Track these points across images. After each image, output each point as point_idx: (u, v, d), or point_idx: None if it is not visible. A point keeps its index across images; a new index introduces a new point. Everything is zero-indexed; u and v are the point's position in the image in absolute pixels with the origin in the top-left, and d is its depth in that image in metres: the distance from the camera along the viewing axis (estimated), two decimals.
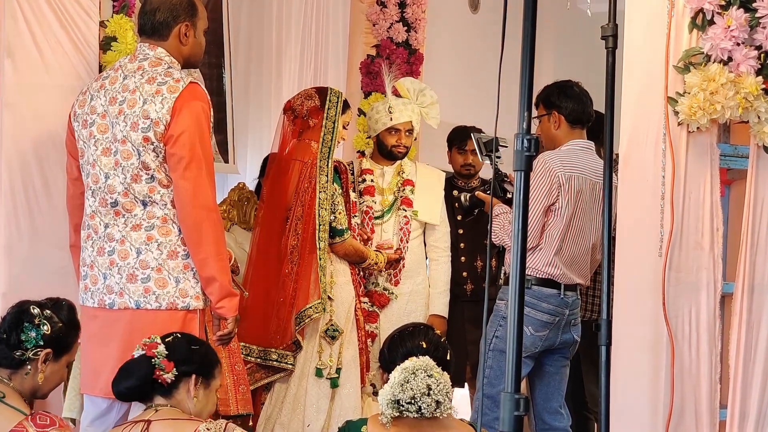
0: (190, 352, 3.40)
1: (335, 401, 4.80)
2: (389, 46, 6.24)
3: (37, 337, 3.35)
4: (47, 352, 3.36)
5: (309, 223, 4.71)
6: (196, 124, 3.62)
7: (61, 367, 3.48)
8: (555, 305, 4.61)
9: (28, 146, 4.06)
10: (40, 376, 3.37)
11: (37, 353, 3.34)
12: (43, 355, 3.36)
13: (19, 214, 4.04)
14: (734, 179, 3.94)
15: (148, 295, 3.63)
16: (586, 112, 4.78)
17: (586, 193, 4.63)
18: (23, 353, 3.34)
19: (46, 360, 3.38)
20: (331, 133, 4.82)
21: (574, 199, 4.59)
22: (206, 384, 3.44)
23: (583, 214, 4.63)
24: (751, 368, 3.71)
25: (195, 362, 3.39)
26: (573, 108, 4.75)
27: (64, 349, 3.46)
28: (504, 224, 4.69)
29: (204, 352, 3.46)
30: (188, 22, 3.77)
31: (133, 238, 3.65)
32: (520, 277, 2.29)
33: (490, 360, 4.63)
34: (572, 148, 4.70)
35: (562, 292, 4.63)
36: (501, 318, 4.64)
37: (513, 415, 2.25)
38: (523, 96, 2.33)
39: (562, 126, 4.76)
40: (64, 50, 4.13)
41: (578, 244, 4.65)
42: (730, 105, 3.64)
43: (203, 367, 3.43)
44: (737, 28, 3.60)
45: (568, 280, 4.64)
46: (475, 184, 5.87)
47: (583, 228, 4.65)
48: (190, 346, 3.41)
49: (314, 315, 4.67)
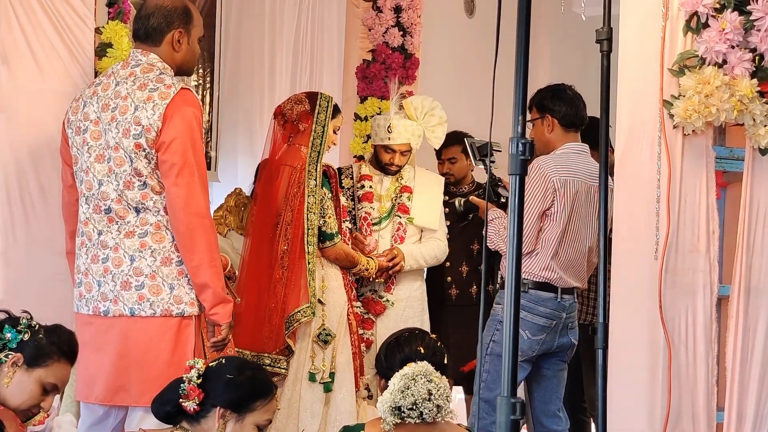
0: (224, 381, 3.20)
1: (330, 406, 4.79)
2: (385, 51, 6.25)
3: (12, 340, 3.26)
4: (17, 357, 3.25)
5: (298, 227, 4.71)
6: (188, 131, 3.61)
7: (31, 382, 3.26)
8: (552, 309, 4.61)
9: (23, 152, 4.06)
10: (6, 380, 3.24)
11: (8, 355, 3.25)
12: (13, 359, 3.25)
13: (15, 220, 4.04)
14: (730, 182, 3.94)
15: (142, 302, 3.62)
16: (579, 115, 4.78)
17: (581, 196, 4.64)
18: None
19: (14, 365, 3.25)
20: (320, 138, 4.82)
21: (569, 203, 4.60)
22: (238, 418, 3.21)
23: (579, 217, 4.64)
24: (747, 370, 3.71)
25: (226, 393, 3.19)
26: (566, 111, 4.74)
27: (37, 362, 3.27)
28: (499, 229, 4.69)
29: (241, 382, 3.22)
30: (182, 29, 3.76)
31: (127, 245, 3.64)
32: (516, 281, 2.29)
33: (487, 364, 4.63)
34: (566, 151, 4.70)
35: (559, 296, 4.63)
36: (498, 322, 4.64)
37: (510, 419, 2.25)
38: (518, 100, 2.33)
39: (555, 130, 4.75)
40: (60, 56, 4.13)
41: (574, 247, 4.65)
42: (725, 107, 3.64)
43: (237, 400, 3.20)
44: (732, 31, 3.61)
45: (564, 284, 4.64)
46: (467, 189, 5.86)
47: (579, 231, 4.65)
48: (226, 375, 3.21)
49: (303, 319, 4.67)
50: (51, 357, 3.30)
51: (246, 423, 3.22)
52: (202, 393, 3.18)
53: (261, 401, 3.24)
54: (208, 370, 3.22)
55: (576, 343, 4.81)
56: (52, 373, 3.30)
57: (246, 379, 3.25)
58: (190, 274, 3.64)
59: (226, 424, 3.19)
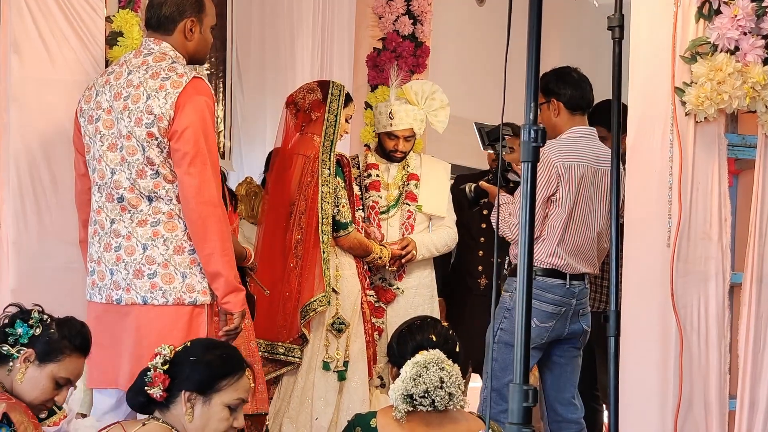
0: (188, 363, 3.11)
1: (343, 394, 4.80)
2: (395, 39, 6.24)
3: (24, 335, 3.24)
4: (29, 353, 3.22)
5: (312, 217, 4.71)
6: (200, 120, 3.62)
7: (44, 377, 3.23)
8: (560, 295, 4.59)
9: (35, 142, 4.06)
10: (19, 376, 3.22)
11: (21, 351, 3.23)
12: (24, 355, 3.23)
13: (27, 210, 4.05)
14: (742, 169, 3.93)
15: (154, 291, 3.63)
16: (585, 98, 4.72)
17: (587, 180, 4.59)
18: (8, 349, 3.23)
19: (27, 361, 3.23)
20: (333, 127, 4.82)
21: (575, 188, 4.55)
22: (205, 400, 3.10)
23: (586, 202, 4.59)
24: (760, 358, 3.70)
25: (190, 375, 3.09)
26: (572, 95, 4.68)
27: (49, 357, 3.24)
28: (504, 216, 4.64)
29: (205, 362, 3.12)
30: (194, 18, 3.76)
31: (139, 234, 3.65)
32: (528, 269, 2.28)
33: (495, 353, 4.61)
34: (572, 135, 4.66)
35: (567, 282, 4.60)
36: (505, 310, 4.62)
37: (522, 406, 2.25)
38: (530, 87, 2.33)
39: (561, 113, 4.70)
40: (71, 45, 4.13)
41: (581, 233, 4.61)
42: (737, 95, 3.63)
43: (201, 381, 3.10)
44: (744, 18, 3.59)
45: (573, 270, 4.61)
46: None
47: (586, 216, 4.61)
48: (190, 357, 3.12)
49: (319, 308, 4.68)
50: (63, 351, 3.27)
51: (214, 404, 3.10)
52: (167, 379, 3.09)
53: (228, 380, 3.12)
54: (175, 354, 3.15)
55: (588, 330, 4.77)
56: (65, 367, 3.28)
57: (210, 359, 3.14)
58: (203, 262, 3.64)
59: (193, 408, 3.09)
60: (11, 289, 3.96)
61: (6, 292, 3.94)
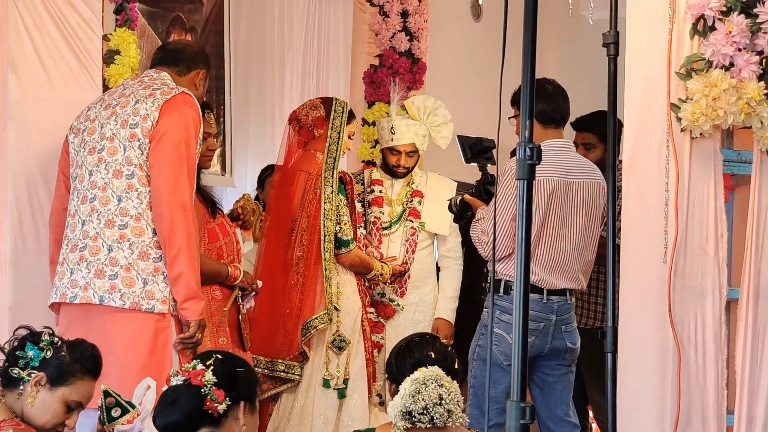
0: (236, 375, 3.10)
1: (343, 412, 4.79)
2: (392, 56, 6.26)
3: (34, 358, 3.20)
4: (41, 376, 3.19)
5: (314, 234, 4.71)
6: (184, 127, 3.68)
7: (55, 401, 3.20)
8: (537, 311, 4.47)
9: (33, 160, 4.07)
10: (30, 400, 3.18)
11: (31, 374, 3.19)
12: (36, 378, 3.19)
13: (25, 228, 4.05)
14: (738, 185, 3.94)
15: (113, 292, 3.62)
16: (559, 111, 4.57)
17: (559, 194, 4.46)
18: (19, 372, 3.19)
19: (38, 384, 3.19)
20: (336, 144, 4.82)
21: (545, 202, 4.43)
22: (252, 408, 3.15)
23: (560, 216, 4.48)
24: (757, 373, 3.71)
25: (242, 387, 3.10)
26: (542, 108, 4.50)
27: (60, 381, 3.21)
28: (478, 234, 4.58)
29: (247, 373, 3.17)
30: (206, 71, 3.99)
31: (107, 235, 3.66)
32: (524, 286, 2.28)
33: (474, 369, 4.58)
34: (544, 150, 4.55)
35: (545, 297, 4.49)
36: (483, 327, 4.54)
37: (519, 423, 2.25)
38: (525, 104, 2.33)
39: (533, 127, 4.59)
40: (68, 64, 4.15)
41: (556, 247, 4.49)
42: (732, 110, 3.64)
43: (250, 391, 3.14)
44: (738, 34, 3.61)
45: (550, 285, 4.49)
46: None
47: (560, 230, 4.49)
48: (235, 369, 3.12)
49: (320, 326, 4.67)
50: (74, 375, 3.24)
51: (256, 410, 3.20)
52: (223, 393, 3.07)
53: (260, 386, 3.22)
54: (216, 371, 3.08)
55: (576, 347, 4.65)
56: (76, 390, 3.25)
57: (248, 369, 3.21)
58: (168, 264, 3.64)
59: (246, 417, 3.10)
60: (8, 306, 3.96)
61: (3, 310, 3.95)
